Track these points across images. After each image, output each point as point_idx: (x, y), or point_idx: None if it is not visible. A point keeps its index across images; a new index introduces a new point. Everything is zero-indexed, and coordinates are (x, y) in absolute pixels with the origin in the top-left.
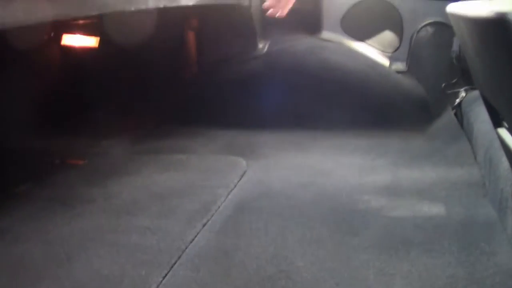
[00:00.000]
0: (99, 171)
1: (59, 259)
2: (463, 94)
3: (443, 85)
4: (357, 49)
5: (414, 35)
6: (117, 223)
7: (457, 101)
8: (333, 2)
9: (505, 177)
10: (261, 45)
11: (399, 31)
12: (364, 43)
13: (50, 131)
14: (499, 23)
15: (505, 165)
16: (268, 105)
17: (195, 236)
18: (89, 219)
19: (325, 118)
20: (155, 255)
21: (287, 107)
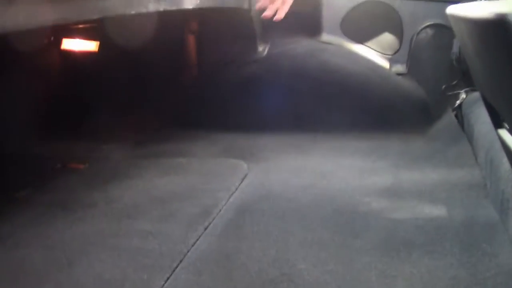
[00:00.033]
0: (99, 175)
1: (60, 264)
2: (464, 95)
3: (443, 86)
4: (357, 51)
5: (414, 37)
6: (118, 227)
7: (458, 102)
8: (333, 4)
9: (506, 178)
10: (261, 48)
11: (399, 33)
12: (364, 46)
13: (50, 136)
14: (499, 24)
15: (506, 166)
16: (268, 108)
17: (197, 239)
18: (90, 223)
19: (325, 120)
20: (157, 259)
21: (287, 109)
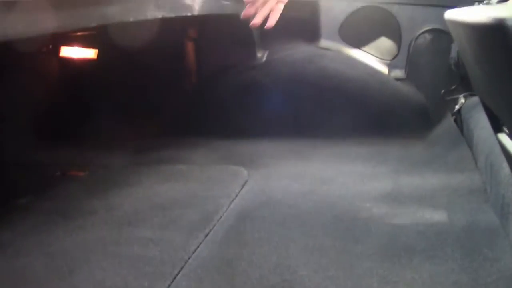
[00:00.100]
0: (100, 183)
1: (61, 272)
2: (463, 100)
3: (442, 91)
4: (356, 57)
5: (412, 42)
6: (119, 234)
7: (457, 107)
8: (331, 10)
9: (506, 182)
10: (260, 54)
11: (397, 38)
12: (362, 51)
13: (50, 143)
14: (497, 28)
15: (506, 171)
16: (267, 114)
17: (198, 246)
18: (90, 231)
19: (325, 126)
20: (158, 266)
21: (286, 115)
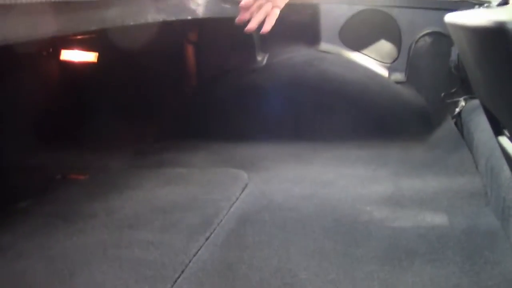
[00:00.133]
0: (100, 186)
1: (61, 275)
2: (463, 103)
3: (443, 94)
4: (356, 60)
5: (412, 45)
6: (119, 238)
7: (457, 110)
8: (331, 13)
9: (507, 185)
10: (260, 58)
11: (398, 41)
12: (362, 54)
13: (50, 147)
14: (498, 32)
15: (506, 174)
16: (268, 117)
17: (198, 249)
18: (91, 234)
19: (325, 129)
20: (158, 270)
21: (287, 118)
